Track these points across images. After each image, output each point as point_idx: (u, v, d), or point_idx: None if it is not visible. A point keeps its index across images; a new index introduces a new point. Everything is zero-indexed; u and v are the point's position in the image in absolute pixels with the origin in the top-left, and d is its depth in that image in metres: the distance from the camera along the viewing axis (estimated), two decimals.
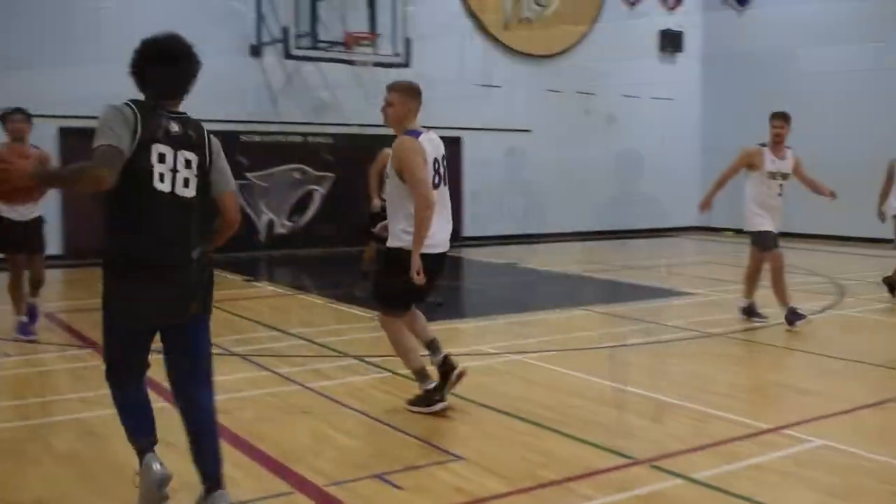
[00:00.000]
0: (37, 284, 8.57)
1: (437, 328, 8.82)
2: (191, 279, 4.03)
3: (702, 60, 22.09)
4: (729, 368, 7.55)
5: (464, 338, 8.73)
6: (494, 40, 18.76)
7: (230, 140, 15.33)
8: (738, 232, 17.49)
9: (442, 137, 6.29)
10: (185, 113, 4.19)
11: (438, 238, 5.83)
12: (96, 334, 8.35)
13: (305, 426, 5.68)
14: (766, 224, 9.08)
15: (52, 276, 12.80)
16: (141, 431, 4.29)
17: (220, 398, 6.15)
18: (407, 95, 6.07)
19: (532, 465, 4.96)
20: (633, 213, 20.26)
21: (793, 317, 8.78)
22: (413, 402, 6.05)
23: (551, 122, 19.39)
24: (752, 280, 9.24)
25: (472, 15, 18.43)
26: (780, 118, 9.20)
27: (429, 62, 17.10)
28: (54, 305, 10.34)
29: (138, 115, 3.91)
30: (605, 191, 19.97)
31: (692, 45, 21.82)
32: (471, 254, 16.15)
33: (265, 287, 11.94)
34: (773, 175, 9.11)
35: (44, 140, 13.70)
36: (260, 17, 15.73)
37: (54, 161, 9.20)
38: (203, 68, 10.41)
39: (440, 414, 5.88)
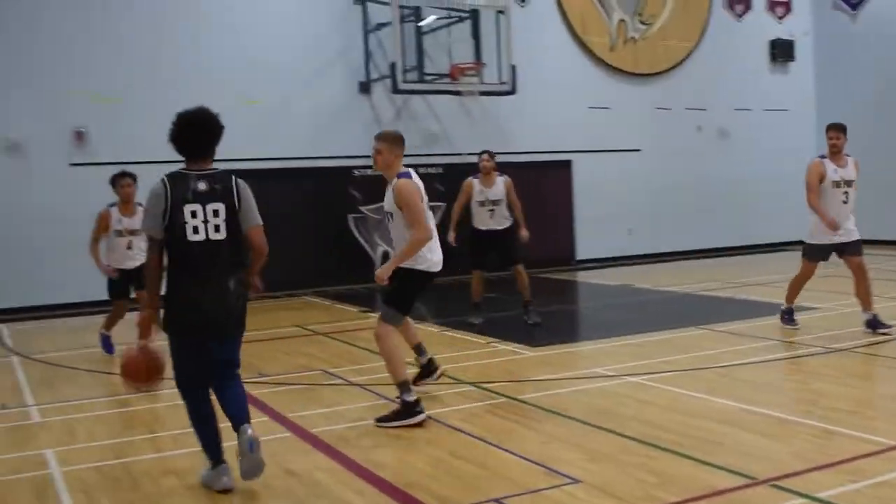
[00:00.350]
0: None
1: (553, 352, 8.92)
2: (227, 305, 5.13)
3: (815, 68, 21.56)
4: (853, 384, 7.34)
5: (579, 360, 8.73)
6: (600, 62, 18.72)
7: (343, 175, 15.75)
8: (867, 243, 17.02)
9: (551, 161, 6.79)
10: (213, 169, 5.29)
11: (437, 258, 6.78)
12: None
13: (424, 453, 5.78)
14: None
15: None
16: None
17: (340, 427, 6.40)
18: (393, 143, 6.73)
19: (649, 486, 4.95)
20: (752, 228, 19.86)
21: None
22: (386, 419, 6.46)
23: (661, 141, 19.21)
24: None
25: (577, 38, 18.44)
26: (836, 129, 9.51)
27: (535, 87, 17.23)
28: None
29: (167, 187, 5.05)
30: (720, 206, 19.65)
31: (804, 53, 21.31)
32: (584, 276, 16.10)
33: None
34: (837, 184, 9.31)
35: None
36: (367, 55, 16.12)
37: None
38: (316, 106, 11.34)
39: (543, 438, 5.91)
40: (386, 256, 16.36)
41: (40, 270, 13.35)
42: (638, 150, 18.66)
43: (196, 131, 5.31)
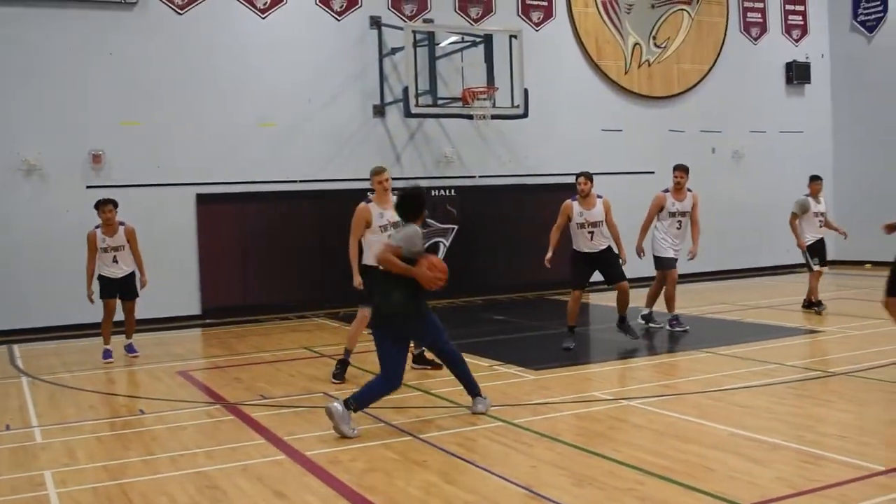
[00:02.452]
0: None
1: (553, 375, 8.98)
2: (383, 310, 7.41)
3: (831, 90, 21.54)
4: (848, 408, 7.35)
5: (579, 384, 8.76)
6: (615, 85, 18.80)
7: (358, 197, 15.79)
8: (877, 265, 16.96)
9: (564, 184, 7.44)
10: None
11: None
12: (227, 391, 8.84)
13: (416, 477, 5.86)
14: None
15: (189, 335, 13.55)
16: None
17: (333, 450, 6.49)
18: None
19: None
20: (766, 250, 19.81)
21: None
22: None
23: (676, 162, 19.18)
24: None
25: (592, 62, 18.54)
26: (681, 169, 11.96)
27: (548, 111, 17.33)
28: (189, 364, 10.89)
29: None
30: (734, 228, 19.62)
31: (820, 76, 21.31)
32: (595, 298, 16.11)
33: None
34: (672, 214, 11.70)
35: (185, 205, 14.66)
36: (382, 78, 16.29)
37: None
38: (332, 129, 12.35)
39: (546, 462, 5.97)
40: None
41: (58, 291, 13.54)
42: (652, 173, 18.68)
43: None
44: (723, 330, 11.89)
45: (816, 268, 12.96)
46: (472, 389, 7.54)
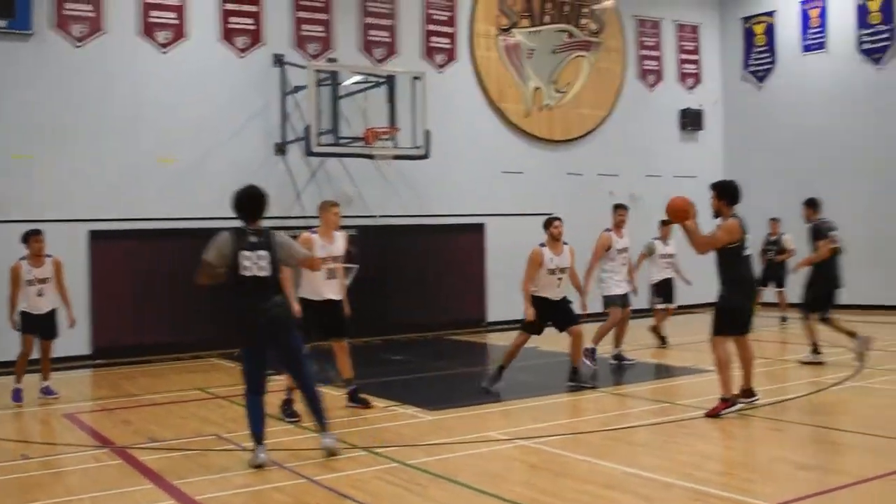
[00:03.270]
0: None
1: (450, 416, 8.97)
2: (272, 314, 7.21)
3: (723, 136, 22.29)
4: (735, 446, 7.54)
5: (476, 424, 8.75)
6: (515, 128, 19.09)
7: None
8: (765, 305, 17.47)
9: (465, 224, 7.54)
10: (263, 228, 7.42)
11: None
12: (116, 433, 8.58)
13: None
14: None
15: (78, 376, 13.12)
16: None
17: (224, 493, 6.34)
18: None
19: None
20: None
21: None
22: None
23: (574, 205, 19.51)
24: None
25: (493, 105, 18.80)
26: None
27: (450, 152, 17.48)
28: (76, 406, 10.55)
29: (231, 238, 7.27)
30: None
31: (713, 122, 22.03)
32: (494, 339, 16.22)
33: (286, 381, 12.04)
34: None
35: (77, 242, 14.25)
36: (284, 116, 16.21)
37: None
38: (232, 166, 12.43)
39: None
40: None
41: None
42: (552, 215, 18.98)
43: (251, 202, 7.48)
44: (616, 369, 12.09)
45: (659, 306, 14.17)
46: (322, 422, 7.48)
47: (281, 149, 16.24)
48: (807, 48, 20.56)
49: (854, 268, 19.15)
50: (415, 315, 17.20)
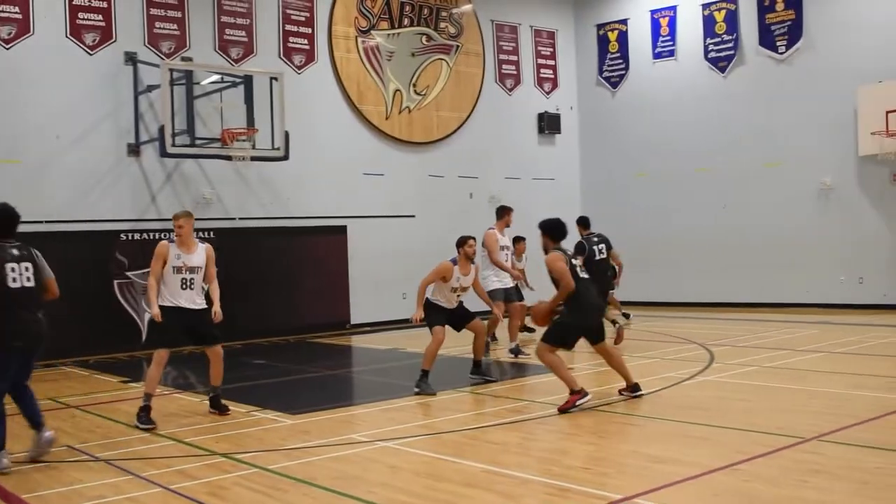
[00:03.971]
0: None
1: (312, 419, 8.91)
2: (39, 330, 7.50)
3: (579, 140, 22.88)
4: (592, 441, 7.73)
5: (337, 427, 8.73)
6: (376, 130, 19.11)
7: (110, 239, 15.22)
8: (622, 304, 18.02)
9: (327, 227, 7.23)
10: (19, 242, 7.63)
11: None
12: None
13: None
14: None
15: None
16: None
17: None
18: (191, 217, 9.36)
19: None
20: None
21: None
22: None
23: (435, 207, 19.74)
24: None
25: (354, 106, 18.77)
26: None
27: (310, 154, 17.37)
28: None
29: None
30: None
31: (569, 126, 22.60)
32: (357, 340, 16.20)
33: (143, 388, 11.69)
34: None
35: None
36: (137, 116, 15.76)
37: None
38: (83, 168, 12.10)
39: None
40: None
41: None
42: (412, 217, 19.10)
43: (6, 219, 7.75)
44: (513, 365, 12.28)
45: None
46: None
47: (134, 150, 15.80)
48: (657, 55, 21.33)
49: (700, 270, 20.11)
50: (276, 318, 17.02)
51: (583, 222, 14.29)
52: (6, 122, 14.56)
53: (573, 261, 9.24)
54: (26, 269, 7.40)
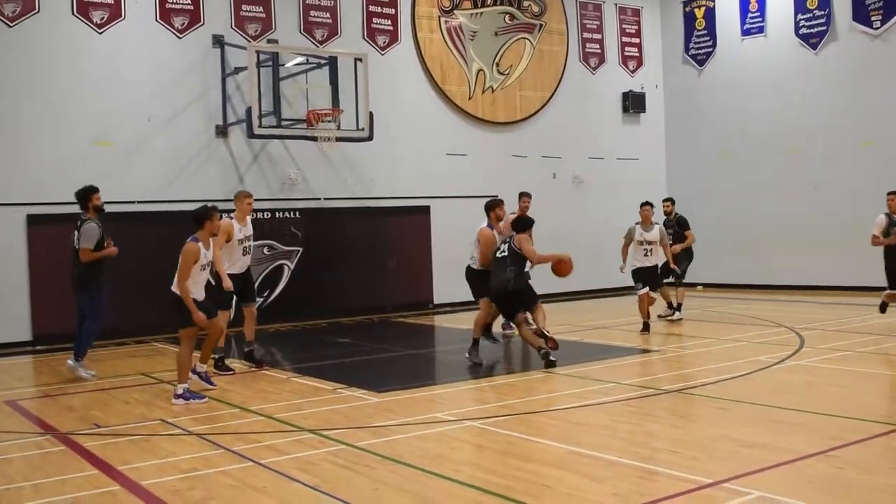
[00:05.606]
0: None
1: (397, 397, 8.99)
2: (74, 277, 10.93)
3: (665, 119, 22.53)
4: (677, 424, 7.65)
5: (422, 405, 8.80)
6: (459, 110, 19.10)
7: None
8: (707, 286, 17.75)
9: (410, 207, 7.17)
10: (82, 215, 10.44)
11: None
12: (59, 420, 8.46)
13: (249, 503, 5.74)
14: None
15: (19, 362, 12.91)
16: None
17: (170, 478, 6.30)
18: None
19: None
20: (606, 272, 20.42)
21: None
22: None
23: (518, 187, 19.57)
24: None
25: (437, 87, 18.78)
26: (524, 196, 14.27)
27: (394, 134, 17.46)
28: (18, 392, 10.37)
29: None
30: (575, 251, 20.08)
31: (654, 105, 22.25)
32: (441, 320, 16.26)
33: (232, 363, 11.95)
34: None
35: (15, 227, 13.96)
36: (225, 98, 16.03)
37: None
38: (173, 149, 15.06)
39: (382, 481, 5.96)
40: None
41: None
42: (495, 196, 19.03)
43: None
44: (563, 350, 12.13)
45: (640, 291, 13.48)
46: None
47: (222, 131, 16.08)
48: (746, 32, 20.83)
49: (789, 252, 19.65)
50: (360, 298, 17.17)
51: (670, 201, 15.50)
52: (99, 105, 14.94)
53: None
54: (74, 235, 10.73)
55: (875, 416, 7.40)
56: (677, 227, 15.49)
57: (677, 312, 14.85)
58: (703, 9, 21.76)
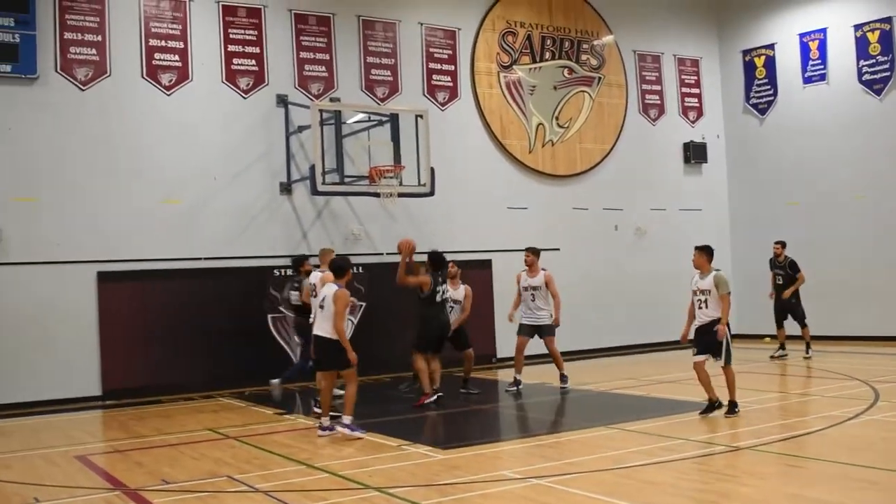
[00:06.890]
0: None
1: (463, 454, 8.94)
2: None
3: (727, 169, 22.36)
4: (748, 482, 7.47)
5: (488, 463, 8.74)
6: (519, 163, 19.17)
7: (263, 274, 15.74)
8: (774, 339, 17.42)
9: (471, 261, 7.47)
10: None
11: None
12: (128, 476, 8.56)
13: None
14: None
15: (89, 417, 13.12)
16: None
17: None
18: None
19: None
20: (670, 324, 20.17)
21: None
22: None
23: (579, 240, 19.63)
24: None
25: (497, 141, 18.90)
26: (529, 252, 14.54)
27: (455, 189, 17.58)
28: (88, 447, 10.52)
29: None
30: (638, 303, 20.03)
31: (716, 155, 22.11)
32: (504, 374, 16.16)
33: (297, 420, 12.00)
34: (526, 289, 14.21)
35: (86, 283, 14.28)
36: (289, 156, 16.32)
37: None
38: (238, 207, 14.87)
39: None
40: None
41: None
42: (557, 249, 19.00)
43: None
44: (629, 405, 12.02)
45: (695, 358, 10.70)
46: None
47: (286, 188, 16.34)
48: (807, 80, 20.68)
49: (857, 301, 19.25)
50: None
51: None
52: (169, 164, 15.31)
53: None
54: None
55: None
56: (789, 270, 16.56)
57: (809, 350, 16.31)
58: (763, 58, 21.66)
